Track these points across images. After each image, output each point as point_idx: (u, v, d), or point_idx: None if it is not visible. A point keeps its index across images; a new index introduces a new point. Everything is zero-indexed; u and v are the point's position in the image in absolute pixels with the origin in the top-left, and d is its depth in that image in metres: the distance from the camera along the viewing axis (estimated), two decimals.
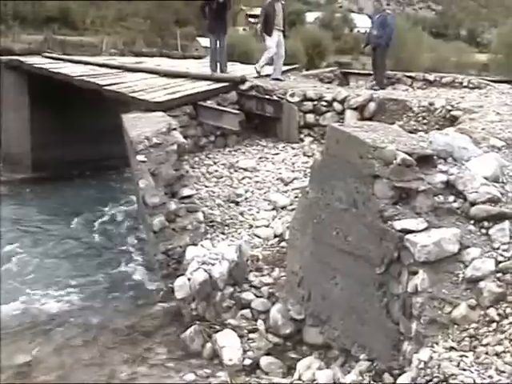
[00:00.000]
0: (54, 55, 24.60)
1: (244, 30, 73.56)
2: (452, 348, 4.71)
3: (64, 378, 7.13)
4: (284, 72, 16.17)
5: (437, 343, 4.79)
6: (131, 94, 12.86)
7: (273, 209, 9.55)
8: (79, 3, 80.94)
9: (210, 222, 9.15)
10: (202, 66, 18.02)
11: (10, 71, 19.20)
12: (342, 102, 12.40)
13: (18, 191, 17.43)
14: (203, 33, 14.82)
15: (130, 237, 12.76)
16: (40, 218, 14.58)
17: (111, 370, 7.24)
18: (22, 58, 20.39)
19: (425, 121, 10.94)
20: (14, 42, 44.63)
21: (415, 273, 5.19)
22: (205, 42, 66.98)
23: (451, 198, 5.68)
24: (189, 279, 7.68)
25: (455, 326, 4.89)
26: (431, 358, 4.62)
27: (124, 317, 8.70)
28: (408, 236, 5.29)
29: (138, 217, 12.15)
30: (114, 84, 14.34)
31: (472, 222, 5.52)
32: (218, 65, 15.05)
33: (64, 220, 14.29)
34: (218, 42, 14.87)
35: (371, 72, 16.39)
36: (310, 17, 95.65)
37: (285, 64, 16.29)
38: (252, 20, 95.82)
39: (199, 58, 34.87)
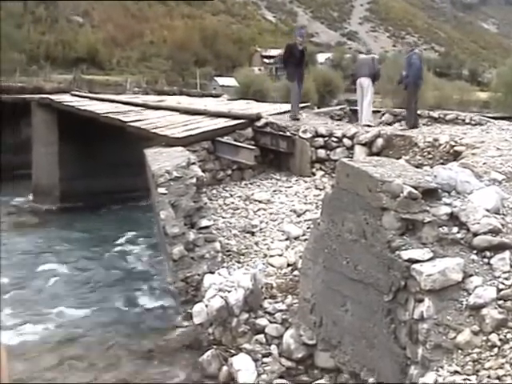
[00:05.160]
0: (81, 93, 24.95)
1: (259, 69, 74.09)
2: (456, 372, 4.69)
3: None
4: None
5: (442, 367, 4.78)
6: (153, 130, 12.95)
7: (286, 239, 9.55)
8: (106, 46, 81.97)
9: (227, 251, 9.17)
10: (220, 104, 18.15)
11: (41, 108, 19.47)
12: (351, 137, 12.43)
13: (47, 220, 17.58)
14: (287, 79, 14.66)
15: (150, 264, 12.80)
16: (66, 245, 14.68)
17: None
18: (52, 96, 20.74)
19: (430, 156, 10.92)
20: (45, 81, 45.10)
21: (421, 300, 5.18)
22: (222, 81, 67.58)
23: (455, 229, 5.68)
24: (206, 305, 7.68)
25: (459, 351, 4.87)
26: (436, 381, 4.61)
27: (144, 340, 8.72)
28: (414, 265, 5.29)
29: (159, 246, 12.18)
30: (137, 121, 14.47)
31: (475, 251, 5.51)
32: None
33: (89, 248, 14.38)
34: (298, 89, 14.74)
35: (379, 109, 16.40)
36: (321, 57, 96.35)
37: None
38: (266, 61, 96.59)
39: (217, 96, 35.16)
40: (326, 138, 12.73)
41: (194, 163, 10.05)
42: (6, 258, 13.54)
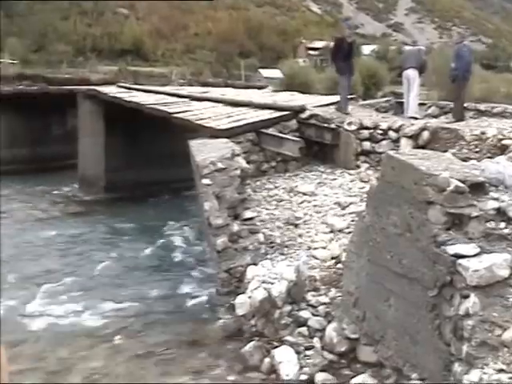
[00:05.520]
0: (127, 85, 25.13)
1: (304, 61, 73.73)
2: (502, 370, 4.62)
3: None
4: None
5: (487, 365, 4.70)
6: (198, 122, 13.00)
7: (330, 231, 9.50)
8: (151, 37, 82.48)
9: (270, 243, 9.16)
10: (265, 96, 18.12)
11: (88, 100, 19.68)
12: (397, 130, 12.31)
13: (92, 210, 17.80)
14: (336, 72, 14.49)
15: (194, 255, 12.87)
16: (111, 235, 14.86)
17: (175, 381, 7.29)
18: (98, 88, 20.93)
19: (477, 149, 10.75)
20: (91, 73, 45.61)
21: (467, 296, 5.11)
22: (266, 72, 67.44)
23: (502, 225, 5.59)
24: (249, 297, 7.70)
25: (505, 349, 4.78)
26: (481, 379, 4.54)
27: (187, 330, 8.76)
28: (460, 261, 5.22)
29: (203, 237, 12.23)
30: (182, 112, 14.54)
31: None
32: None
33: (133, 237, 14.54)
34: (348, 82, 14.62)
35: (425, 101, 16.18)
36: (367, 49, 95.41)
37: None
38: (311, 52, 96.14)
39: (261, 87, 35.06)
40: (372, 131, 12.64)
41: (238, 155, 10.07)
42: (52, 246, 13.79)
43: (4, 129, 24.22)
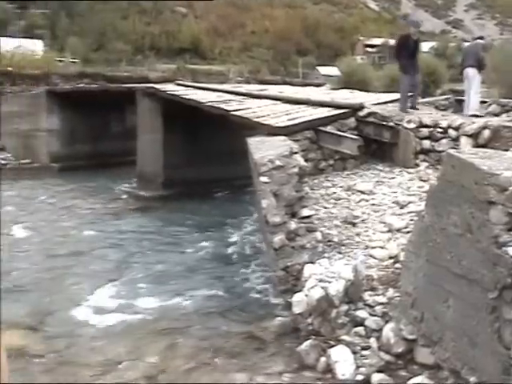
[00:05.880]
0: (185, 83, 25.36)
1: (362, 58, 73.20)
2: None
3: (186, 381, 7.31)
4: (398, 100, 15.98)
5: None
6: (256, 119, 13.04)
7: (388, 231, 9.42)
8: (209, 36, 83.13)
9: (328, 241, 9.13)
10: (322, 93, 18.06)
11: (146, 97, 19.91)
12: (456, 128, 12.13)
13: (150, 206, 18.04)
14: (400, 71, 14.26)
15: (250, 252, 12.92)
16: (167, 231, 15.03)
17: (230, 377, 7.34)
18: (156, 86, 21.16)
19: None
20: (150, 71, 46.18)
21: None
22: (324, 70, 67.23)
23: None
24: (306, 295, 7.69)
25: None
26: None
27: (243, 327, 8.80)
28: None
29: (260, 234, 12.27)
30: (240, 110, 14.60)
31: None
32: (409, 101, 14.39)
33: (190, 233, 14.67)
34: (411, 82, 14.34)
35: (485, 99, 15.92)
36: (425, 46, 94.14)
37: (399, 92, 16.14)
38: (369, 49, 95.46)
39: (319, 85, 34.98)
40: (431, 129, 12.47)
41: (296, 152, 10.06)
42: (111, 240, 14.03)
43: (66, 126, 24.75)
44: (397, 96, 15.37)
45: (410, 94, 14.28)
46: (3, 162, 24.29)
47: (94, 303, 10.02)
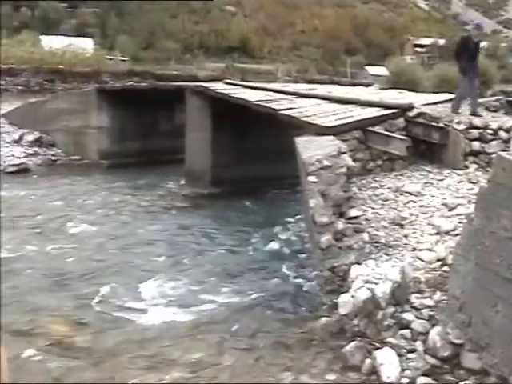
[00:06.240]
0: (234, 82, 25.45)
1: (411, 58, 72.47)
2: None
3: (229, 380, 7.35)
4: (450, 100, 15.77)
5: None
6: (304, 119, 13.03)
7: (436, 233, 9.31)
8: (258, 35, 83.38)
9: (375, 242, 9.07)
10: (371, 93, 17.94)
11: (195, 96, 20.03)
12: (507, 130, 11.95)
13: (197, 204, 18.15)
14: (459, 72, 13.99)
15: (296, 252, 12.90)
16: (215, 229, 15.09)
17: (275, 376, 7.35)
18: (205, 84, 21.28)
19: None
20: (199, 70, 46.53)
21: None
22: (372, 70, 66.79)
23: None
24: (352, 296, 7.65)
25: None
26: None
27: (289, 326, 8.81)
28: None
29: (307, 234, 12.24)
30: (288, 109, 14.60)
31: None
32: (470, 107, 13.95)
33: (236, 232, 14.72)
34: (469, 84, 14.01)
35: None
36: None
37: (451, 93, 15.94)
38: (418, 49, 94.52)
39: (368, 85, 34.79)
40: (481, 130, 12.30)
41: (344, 152, 10.03)
42: (159, 237, 14.16)
43: (115, 123, 25.04)
44: (447, 97, 15.21)
45: (470, 98, 13.97)
46: (53, 157, 24.69)
47: (143, 299, 10.15)
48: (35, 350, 8.13)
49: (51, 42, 45.33)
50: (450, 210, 10.05)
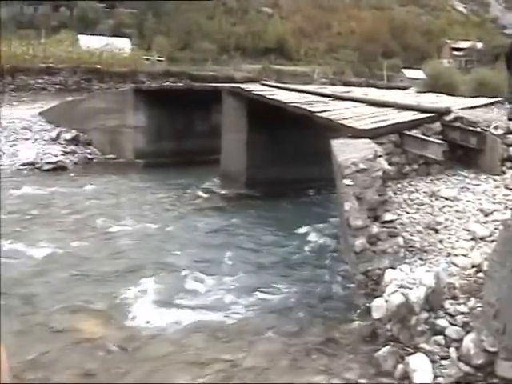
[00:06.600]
0: (270, 83, 25.49)
1: (448, 62, 71.92)
2: None
3: (259, 380, 7.37)
4: (487, 105, 15.61)
5: None
6: (340, 121, 12.98)
7: (471, 239, 9.21)
8: (294, 36, 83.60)
9: (410, 247, 9.00)
10: (408, 97, 17.83)
11: (232, 97, 20.09)
12: None
13: (233, 205, 18.21)
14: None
15: (330, 255, 12.88)
16: (248, 229, 15.12)
17: (307, 379, 7.35)
18: (242, 85, 21.34)
19: None
20: (235, 71, 46.67)
21: None
22: (409, 73, 66.39)
23: None
24: (386, 301, 7.61)
25: None
26: None
27: (321, 329, 8.78)
28: None
29: (340, 237, 12.21)
30: (324, 111, 14.56)
31: None
32: (508, 112, 13.80)
33: (270, 233, 14.73)
34: None
35: None
36: None
37: (489, 97, 15.74)
38: (456, 53, 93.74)
39: (404, 88, 34.59)
40: None
41: (380, 156, 9.97)
42: (194, 237, 14.22)
43: (152, 123, 25.24)
44: (484, 101, 15.06)
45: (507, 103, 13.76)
46: (90, 156, 24.97)
47: (179, 298, 10.21)
48: (67, 347, 8.22)
49: (89, 42, 45.86)
50: (486, 216, 9.93)
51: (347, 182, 9.18)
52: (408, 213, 10.23)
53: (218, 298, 10.29)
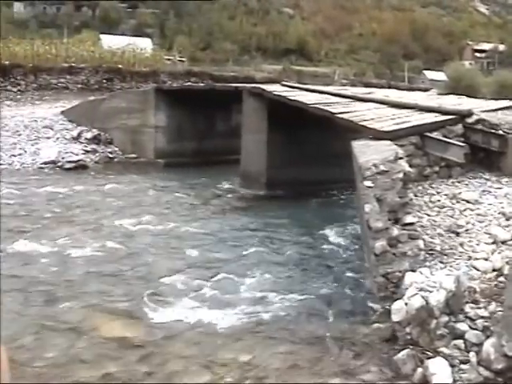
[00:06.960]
0: (290, 84, 25.47)
1: (470, 64, 71.47)
2: None
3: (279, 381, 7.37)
4: (509, 107, 15.46)
5: None
6: (361, 123, 12.93)
7: (493, 242, 9.12)
8: (315, 37, 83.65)
9: (430, 250, 8.93)
10: (429, 99, 17.73)
11: (252, 97, 20.09)
12: None
13: (252, 205, 18.19)
14: None
15: (350, 257, 12.84)
16: (268, 230, 15.09)
17: (325, 381, 7.33)
18: (262, 86, 21.32)
19: None
20: (256, 72, 46.71)
21: None
22: (430, 74, 66.05)
23: None
24: (406, 304, 7.57)
25: None
26: None
27: (340, 331, 8.75)
28: None
29: (360, 239, 12.16)
30: (345, 112, 14.52)
31: None
32: None
33: (290, 234, 14.71)
34: None
35: None
36: None
37: (508, 99, 15.62)
38: (478, 55, 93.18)
39: (426, 90, 34.41)
40: None
41: (401, 158, 9.91)
42: (213, 238, 14.21)
43: (172, 123, 25.31)
44: (507, 103, 14.94)
45: None
46: (111, 155, 25.08)
47: (196, 299, 10.20)
48: (88, 346, 8.26)
49: (111, 42, 46.07)
50: (508, 220, 9.83)
51: (368, 183, 9.14)
52: (429, 215, 10.16)
53: (246, 296, 10.34)
